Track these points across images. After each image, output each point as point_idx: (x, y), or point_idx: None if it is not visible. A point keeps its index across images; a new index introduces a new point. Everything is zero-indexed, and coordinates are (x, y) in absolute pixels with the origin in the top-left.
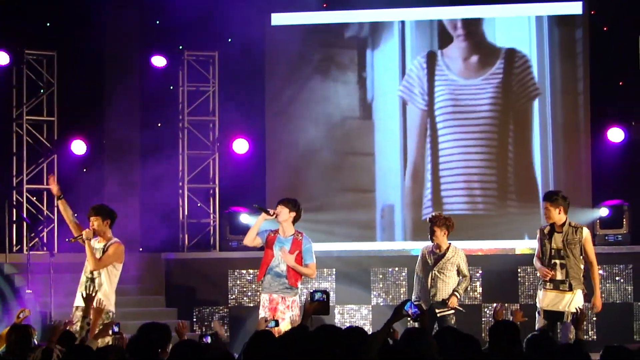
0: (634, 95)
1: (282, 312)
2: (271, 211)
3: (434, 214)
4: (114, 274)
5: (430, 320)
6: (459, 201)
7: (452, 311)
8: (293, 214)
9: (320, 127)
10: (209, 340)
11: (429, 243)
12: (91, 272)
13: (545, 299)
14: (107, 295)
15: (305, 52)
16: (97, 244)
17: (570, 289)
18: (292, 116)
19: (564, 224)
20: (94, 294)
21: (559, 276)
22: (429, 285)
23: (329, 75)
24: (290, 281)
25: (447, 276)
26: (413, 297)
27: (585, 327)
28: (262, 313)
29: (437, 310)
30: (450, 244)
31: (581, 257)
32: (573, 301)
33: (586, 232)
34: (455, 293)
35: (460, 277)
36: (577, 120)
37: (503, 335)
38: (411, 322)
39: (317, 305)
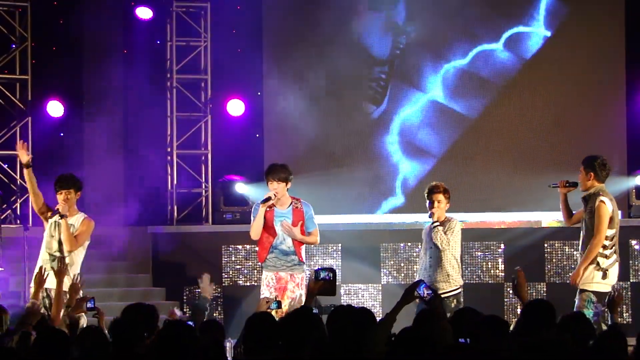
0: None
1: (292, 290)
2: (272, 195)
3: (434, 183)
4: (82, 253)
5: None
6: (479, 169)
7: (454, 292)
8: (289, 185)
9: (326, 83)
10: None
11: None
12: (59, 250)
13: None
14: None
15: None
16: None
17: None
18: (294, 71)
19: (593, 192)
20: (64, 268)
21: (580, 249)
22: (428, 265)
23: (338, 21)
24: (299, 256)
25: (445, 252)
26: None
27: (620, 309)
28: (267, 293)
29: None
30: (446, 216)
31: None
32: (583, 277)
33: (599, 201)
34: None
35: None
36: (611, 77)
37: (537, 316)
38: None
39: (323, 285)
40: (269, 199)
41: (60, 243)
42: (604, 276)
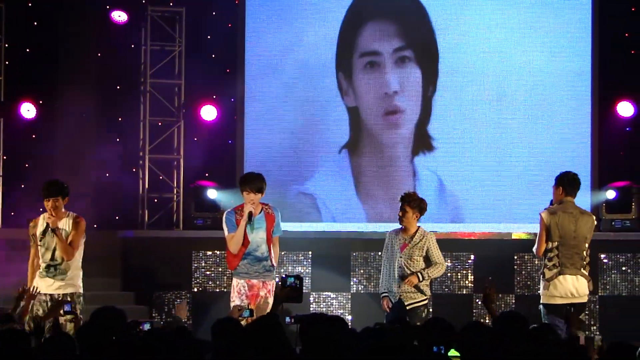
0: None
1: (264, 297)
2: (252, 210)
3: (407, 192)
4: (80, 254)
5: (400, 313)
6: (452, 180)
7: (424, 302)
8: (262, 195)
9: (303, 89)
10: (145, 327)
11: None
12: (52, 259)
13: None
14: (75, 278)
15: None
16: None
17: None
18: (270, 78)
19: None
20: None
21: None
22: (396, 275)
23: (323, 26)
24: (271, 261)
25: (416, 264)
26: (381, 289)
27: (587, 322)
28: (238, 300)
29: (406, 303)
30: (419, 227)
31: (546, 243)
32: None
33: (539, 214)
34: (419, 273)
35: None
36: (582, 92)
37: (509, 328)
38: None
39: (289, 292)
40: (251, 214)
41: (54, 251)
42: (546, 287)
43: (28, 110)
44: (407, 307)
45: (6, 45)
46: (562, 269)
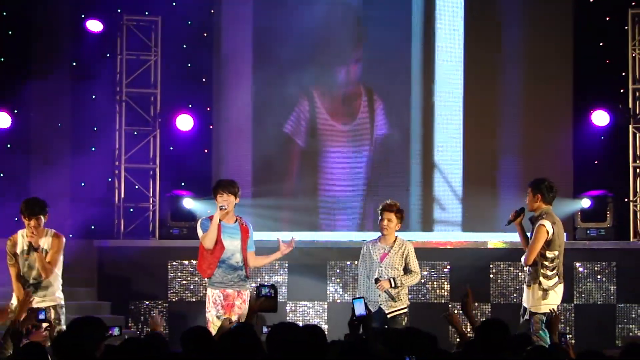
0: (621, 76)
1: (239, 307)
2: (225, 205)
3: (388, 201)
4: (59, 271)
5: (380, 322)
6: (426, 190)
7: (404, 310)
8: (237, 200)
9: (277, 99)
10: (115, 332)
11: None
12: (35, 277)
13: None
14: (56, 290)
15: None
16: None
17: (529, 284)
18: (245, 88)
19: (538, 214)
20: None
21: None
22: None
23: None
24: (246, 271)
25: (397, 273)
26: None
27: (561, 330)
28: (214, 311)
29: (386, 311)
30: (397, 236)
31: (547, 252)
32: (527, 299)
33: (539, 224)
34: (391, 279)
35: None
36: (557, 101)
37: (493, 336)
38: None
39: (264, 302)
40: (222, 207)
41: (37, 269)
42: (545, 296)
43: (3, 120)
44: (388, 316)
45: None
46: (560, 279)
